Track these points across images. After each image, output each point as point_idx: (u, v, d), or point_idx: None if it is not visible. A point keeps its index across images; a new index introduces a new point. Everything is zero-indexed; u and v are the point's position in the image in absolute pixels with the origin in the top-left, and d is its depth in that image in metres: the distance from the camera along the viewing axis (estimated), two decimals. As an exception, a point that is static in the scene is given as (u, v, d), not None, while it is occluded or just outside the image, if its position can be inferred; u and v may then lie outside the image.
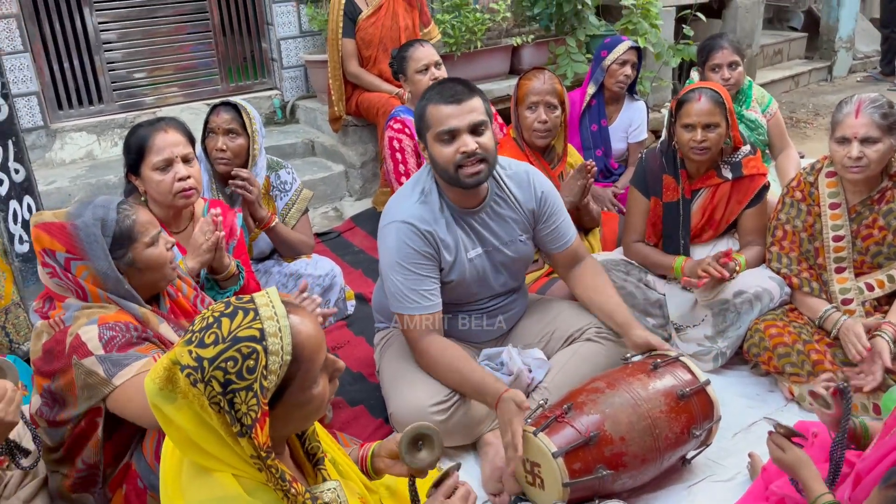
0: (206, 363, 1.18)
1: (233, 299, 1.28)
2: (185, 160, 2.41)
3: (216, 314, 1.24)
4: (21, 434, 1.95)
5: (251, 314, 1.23)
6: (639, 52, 3.91)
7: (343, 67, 4.33)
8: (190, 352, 1.20)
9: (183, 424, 1.23)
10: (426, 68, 3.59)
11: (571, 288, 2.60)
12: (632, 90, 4.04)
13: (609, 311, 2.46)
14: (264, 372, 1.20)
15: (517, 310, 2.62)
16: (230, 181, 2.82)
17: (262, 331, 1.21)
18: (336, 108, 4.44)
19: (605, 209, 3.63)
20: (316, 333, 1.29)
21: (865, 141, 2.44)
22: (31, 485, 1.96)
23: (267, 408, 1.21)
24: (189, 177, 2.40)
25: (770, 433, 1.77)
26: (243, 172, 2.81)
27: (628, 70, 3.83)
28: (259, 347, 1.20)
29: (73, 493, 1.94)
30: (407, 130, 3.63)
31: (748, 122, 3.71)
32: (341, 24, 4.24)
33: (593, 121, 3.90)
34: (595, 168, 3.07)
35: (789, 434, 1.74)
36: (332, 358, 1.35)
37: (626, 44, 3.85)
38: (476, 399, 2.26)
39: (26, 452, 1.81)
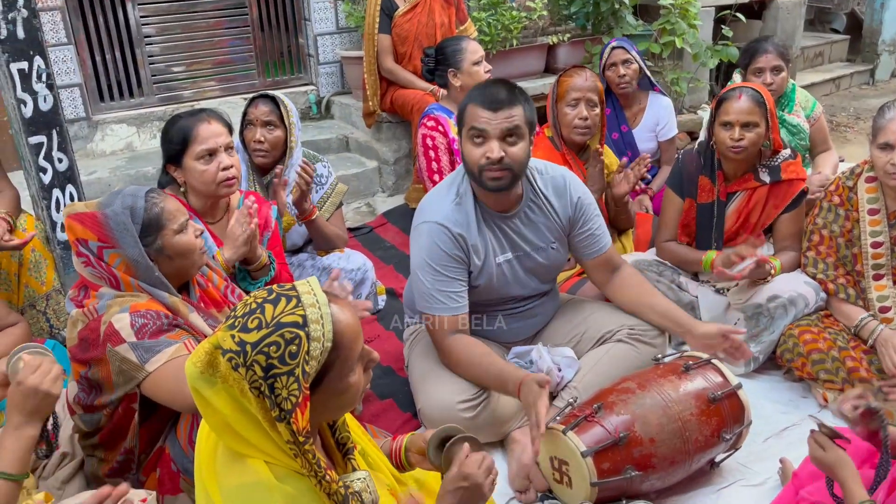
0: (248, 347, 1.20)
1: (275, 287, 1.30)
2: (227, 150, 2.44)
3: (259, 300, 1.26)
4: (54, 422, 2.00)
5: (294, 301, 1.25)
6: (626, 48, 3.81)
7: (378, 63, 4.36)
8: (233, 336, 1.22)
9: (221, 408, 1.25)
10: (481, 60, 3.62)
11: (613, 296, 2.57)
12: (652, 86, 3.97)
13: (664, 311, 2.45)
14: (306, 357, 1.22)
15: (547, 311, 2.62)
16: (298, 172, 2.81)
17: (304, 317, 1.23)
18: (370, 103, 4.47)
19: (641, 207, 3.62)
20: (355, 322, 1.32)
21: None
22: (68, 467, 2.00)
23: (308, 392, 1.23)
24: (232, 166, 2.43)
25: (812, 431, 1.75)
26: (310, 167, 2.81)
27: (621, 70, 3.75)
28: (302, 333, 1.22)
29: (109, 479, 1.97)
30: (441, 128, 3.63)
31: (790, 127, 3.65)
32: (377, 20, 4.27)
33: (612, 129, 3.82)
34: (649, 159, 3.08)
35: (833, 435, 1.71)
36: (368, 349, 1.37)
37: (609, 47, 3.81)
38: (500, 391, 2.26)
39: (49, 449, 1.86)
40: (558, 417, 2.10)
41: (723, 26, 5.27)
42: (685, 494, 2.19)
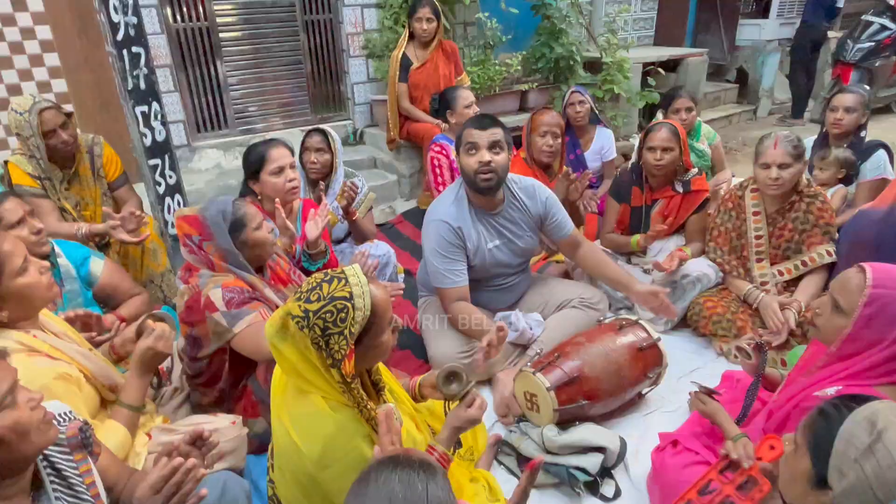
0: (311, 314, 1.21)
1: (330, 271, 1.30)
2: (291, 167, 2.42)
3: (318, 280, 1.27)
4: (169, 366, 2.01)
5: (343, 282, 1.25)
6: (582, 92, 3.73)
7: (398, 104, 4.32)
8: (300, 306, 1.23)
9: (290, 357, 1.26)
10: (471, 104, 3.59)
11: (580, 264, 2.55)
12: (598, 120, 3.89)
13: (614, 277, 2.45)
14: (352, 322, 1.22)
15: (522, 287, 2.60)
16: (347, 187, 2.79)
17: (351, 294, 1.23)
18: (392, 133, 4.44)
19: (588, 208, 3.59)
20: (386, 298, 1.32)
21: (781, 166, 2.41)
22: (178, 398, 2.00)
23: (353, 347, 1.24)
24: (295, 178, 2.41)
25: (693, 392, 1.79)
26: (355, 187, 2.79)
27: (577, 108, 3.68)
28: (349, 305, 1.22)
29: (210, 407, 1.98)
30: (444, 152, 3.59)
31: (697, 152, 3.62)
32: (398, 72, 4.23)
33: (570, 152, 3.74)
34: (574, 174, 3.00)
35: (709, 392, 1.76)
36: (395, 316, 1.38)
37: (570, 91, 3.75)
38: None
39: (160, 384, 1.89)
40: (529, 363, 2.10)
41: (648, 77, 5.24)
42: (621, 418, 2.21)
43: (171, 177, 2.69)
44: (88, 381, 1.57)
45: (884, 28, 6.37)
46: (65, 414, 1.27)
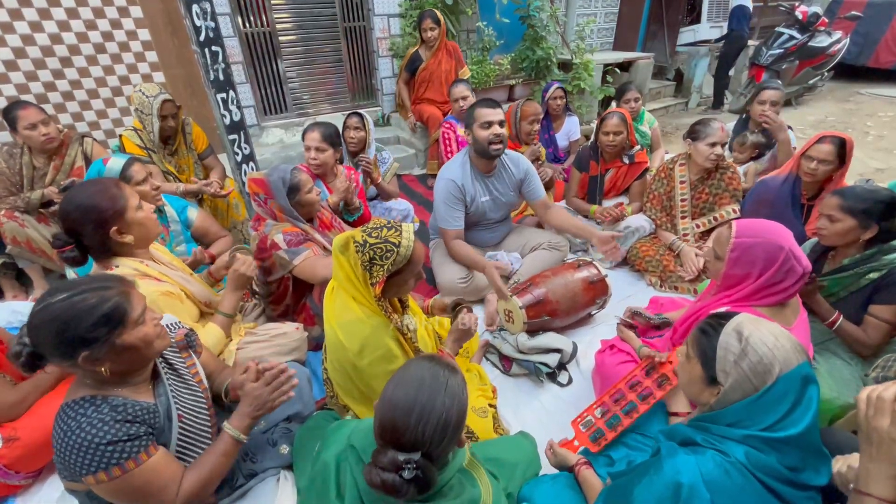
0: (367, 245, 1.20)
1: (392, 222, 1.28)
2: (317, 149, 2.33)
3: (383, 225, 1.26)
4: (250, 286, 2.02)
5: (399, 233, 1.24)
6: (563, 89, 3.58)
7: (399, 91, 4.18)
8: (362, 236, 1.22)
9: (345, 267, 1.26)
10: (457, 98, 3.46)
11: (549, 221, 2.45)
12: (568, 109, 3.75)
13: (577, 228, 2.36)
14: (392, 261, 1.21)
15: (504, 230, 2.57)
16: (362, 164, 2.72)
17: (399, 243, 1.22)
18: (400, 111, 4.29)
19: (557, 177, 3.52)
20: (422, 252, 1.31)
21: (722, 145, 2.36)
22: (257, 311, 2.03)
23: (385, 278, 1.23)
24: (316, 159, 2.32)
25: (617, 325, 1.79)
26: (367, 161, 2.72)
27: (557, 101, 3.55)
28: (395, 249, 1.21)
29: (278, 318, 2.01)
30: (452, 128, 3.50)
31: (641, 132, 3.51)
32: (406, 63, 4.04)
33: (545, 132, 3.64)
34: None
35: (626, 324, 1.78)
36: (421, 271, 1.35)
37: (554, 86, 3.58)
38: (477, 270, 2.24)
39: (255, 293, 1.89)
40: (509, 289, 2.11)
41: (607, 75, 5.01)
42: (576, 330, 2.23)
43: (245, 149, 2.62)
44: (189, 298, 1.59)
45: (792, 38, 6.03)
46: (174, 324, 1.28)
